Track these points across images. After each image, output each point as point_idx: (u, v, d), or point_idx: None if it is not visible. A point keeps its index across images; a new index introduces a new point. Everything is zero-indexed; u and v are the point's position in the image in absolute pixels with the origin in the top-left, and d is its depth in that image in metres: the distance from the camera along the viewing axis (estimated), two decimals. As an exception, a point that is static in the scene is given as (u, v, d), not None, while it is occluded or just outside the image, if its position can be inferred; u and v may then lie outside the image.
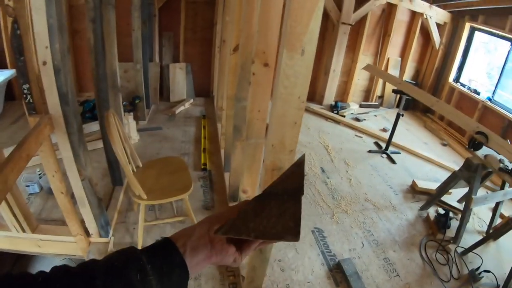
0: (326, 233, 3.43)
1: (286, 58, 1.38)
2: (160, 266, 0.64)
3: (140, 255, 0.63)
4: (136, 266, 0.61)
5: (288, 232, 0.69)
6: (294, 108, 1.53)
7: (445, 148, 5.64)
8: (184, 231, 0.74)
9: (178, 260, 0.67)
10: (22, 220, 2.63)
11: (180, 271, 0.66)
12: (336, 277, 2.95)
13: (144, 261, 0.62)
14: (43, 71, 1.98)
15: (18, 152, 1.81)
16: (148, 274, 0.61)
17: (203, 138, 4.98)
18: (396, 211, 3.86)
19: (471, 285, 2.96)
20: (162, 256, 0.66)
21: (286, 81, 1.44)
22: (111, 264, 0.61)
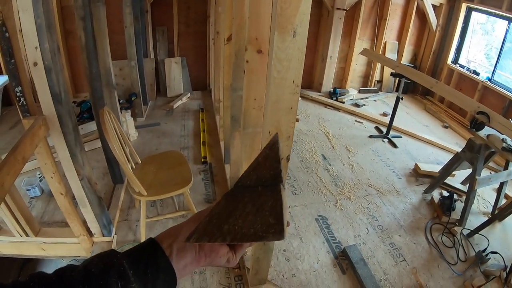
0: (330, 220, 3.41)
1: (278, 41, 1.34)
2: (143, 271, 0.59)
3: (121, 259, 0.58)
4: (117, 273, 0.55)
5: (269, 231, 0.59)
6: (289, 93, 1.49)
7: (447, 130, 5.60)
8: (170, 230, 0.68)
9: (164, 263, 0.61)
10: (24, 224, 2.63)
11: (166, 276, 0.61)
12: (342, 265, 2.93)
13: (125, 266, 0.57)
14: (34, 72, 1.97)
15: (13, 155, 1.80)
16: (130, 281, 0.56)
17: (202, 131, 4.96)
18: (400, 195, 3.83)
19: (479, 266, 2.94)
20: (146, 260, 0.60)
21: (279, 65, 1.39)
22: (89, 271, 0.55)
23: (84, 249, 2.91)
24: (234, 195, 0.70)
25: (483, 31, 6.17)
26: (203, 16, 6.17)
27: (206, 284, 2.71)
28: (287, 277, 2.81)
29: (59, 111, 2.12)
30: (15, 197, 2.45)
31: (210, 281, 2.74)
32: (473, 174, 3.27)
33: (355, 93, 6.66)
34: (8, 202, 2.40)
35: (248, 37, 1.98)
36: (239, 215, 0.63)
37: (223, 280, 2.74)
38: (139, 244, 0.63)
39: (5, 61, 1.96)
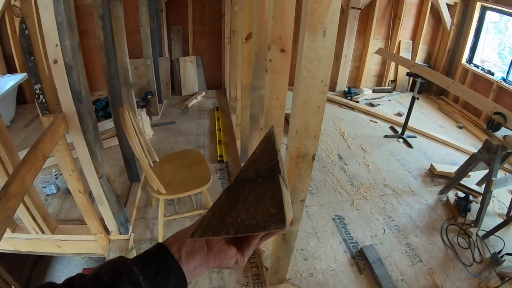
0: (347, 220, 3.41)
1: (308, 40, 1.35)
2: (154, 275, 0.59)
3: (131, 265, 0.58)
4: (127, 279, 0.55)
5: (271, 221, 0.60)
6: (318, 92, 1.50)
7: (461, 130, 5.55)
8: (177, 235, 0.68)
9: (174, 267, 0.62)
10: (41, 221, 2.67)
11: (176, 279, 0.61)
12: (359, 264, 2.93)
13: (135, 272, 0.57)
14: (55, 70, 1.97)
15: (34, 153, 1.81)
16: (141, 286, 0.56)
17: (218, 130, 4.98)
18: (415, 196, 3.81)
19: (494, 268, 2.92)
20: (155, 265, 0.61)
21: (309, 64, 1.40)
22: (99, 279, 0.55)
23: (101, 247, 2.94)
24: (234, 188, 0.70)
25: (496, 30, 6.11)
26: (218, 15, 6.19)
27: (224, 282, 2.73)
28: (304, 276, 2.81)
29: (79, 109, 2.13)
30: (32, 194, 2.48)
31: (228, 280, 2.75)
32: (490, 175, 3.25)
33: (370, 93, 6.63)
34: (25, 199, 2.42)
35: (272, 36, 1.99)
36: (241, 207, 0.64)
37: (241, 279, 2.76)
38: (147, 250, 0.64)
39: (25, 58, 1.97)
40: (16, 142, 4.30)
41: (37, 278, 4.28)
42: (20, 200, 1.64)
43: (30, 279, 4.20)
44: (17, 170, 1.67)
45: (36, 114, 5.12)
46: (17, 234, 2.82)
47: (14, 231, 2.82)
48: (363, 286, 2.77)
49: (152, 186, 2.67)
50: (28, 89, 5.57)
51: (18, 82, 4.84)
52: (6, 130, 2.20)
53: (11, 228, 2.80)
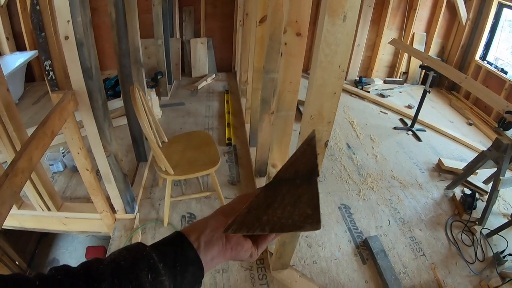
0: (353, 209, 3.42)
1: (328, 24, 1.32)
2: (172, 264, 0.58)
3: (151, 252, 0.58)
4: (147, 266, 0.55)
5: (307, 221, 0.61)
6: (334, 78, 1.47)
7: (471, 127, 5.51)
8: (196, 224, 0.67)
9: (192, 256, 0.61)
10: (47, 198, 2.70)
11: (194, 269, 0.61)
12: (363, 254, 2.94)
13: (155, 259, 0.57)
14: (66, 46, 1.95)
15: (42, 129, 1.80)
16: (160, 274, 0.55)
17: (227, 113, 4.98)
18: (422, 190, 3.80)
19: (496, 268, 2.91)
20: (174, 253, 0.60)
21: (327, 48, 1.38)
22: (118, 264, 0.55)
23: (106, 225, 2.97)
24: (272, 188, 0.70)
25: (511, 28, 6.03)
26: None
27: (228, 265, 2.75)
28: (308, 263, 2.82)
29: (89, 86, 2.11)
30: (39, 171, 2.48)
31: (232, 263, 2.77)
32: (498, 174, 3.23)
33: (381, 83, 6.59)
34: (32, 176, 2.43)
35: (288, 20, 1.96)
36: (278, 206, 0.64)
37: (245, 263, 2.77)
38: (165, 238, 0.64)
39: (35, 34, 1.95)
40: (24, 119, 4.30)
41: (41, 255, 4.32)
42: (27, 176, 1.63)
43: (34, 256, 4.24)
44: (25, 146, 1.66)
45: (44, 91, 5.18)
46: (23, 210, 2.83)
47: (20, 208, 2.83)
48: (366, 276, 2.78)
49: (160, 166, 2.66)
50: (37, 66, 5.58)
51: (27, 60, 4.90)
52: (14, 106, 2.20)
53: (17, 205, 2.81)
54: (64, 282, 0.50)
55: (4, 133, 2.16)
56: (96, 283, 0.51)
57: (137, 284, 0.53)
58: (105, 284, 0.51)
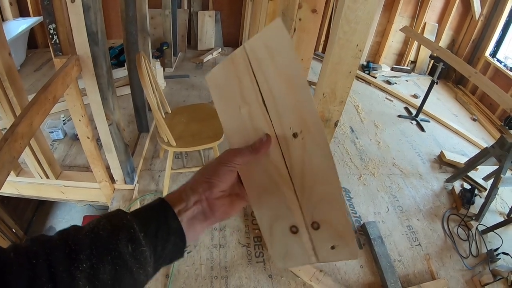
0: (353, 193, 3.42)
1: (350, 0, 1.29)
2: (154, 234, 0.56)
3: (131, 222, 0.55)
4: (127, 235, 0.53)
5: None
6: (351, 56, 1.44)
7: (475, 123, 5.48)
8: (180, 194, 0.63)
9: (175, 226, 0.59)
10: (46, 166, 2.67)
11: (176, 239, 0.59)
12: (360, 239, 2.96)
13: (135, 228, 0.54)
14: (71, 9, 1.88)
15: (44, 94, 1.75)
16: (140, 244, 0.53)
17: None
18: (422, 180, 3.80)
19: (488, 264, 2.92)
20: (156, 222, 0.57)
21: (346, 26, 1.34)
22: (97, 234, 0.52)
23: (104, 195, 2.96)
24: None
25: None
26: (242, -31, 6.00)
27: (226, 241, 2.77)
28: (305, 244, 2.83)
29: (94, 51, 2.05)
30: (38, 138, 2.46)
31: (230, 239, 2.79)
32: (499, 172, 3.22)
33: (388, 70, 6.54)
34: (32, 143, 2.41)
35: (304, -5, 1.92)
36: None
37: (242, 239, 2.79)
38: (148, 204, 0.61)
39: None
40: (25, 86, 4.20)
41: (38, 223, 4.39)
42: (27, 142, 1.60)
43: (31, 223, 4.30)
44: (25, 111, 1.61)
45: (46, 59, 5.10)
46: (21, 178, 2.82)
47: (19, 175, 2.81)
48: (361, 261, 2.79)
49: (162, 137, 2.64)
50: (40, 33, 5.48)
51: (30, 26, 4.81)
52: (16, 71, 2.14)
53: (16, 172, 2.79)
54: (40, 253, 0.48)
55: (5, 98, 2.12)
56: (74, 254, 0.49)
57: (117, 255, 0.51)
58: (83, 255, 0.49)
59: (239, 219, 2.94)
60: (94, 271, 0.49)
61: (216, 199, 0.64)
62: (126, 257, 0.51)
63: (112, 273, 0.50)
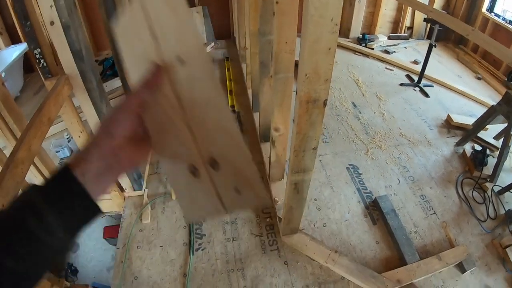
0: (361, 169, 3.37)
1: (314, -28, 1.23)
2: (56, 200, 0.54)
3: (34, 195, 0.54)
4: (31, 209, 0.52)
5: None
6: (328, 32, 1.37)
7: (480, 82, 5.36)
8: (82, 154, 0.59)
9: (77, 190, 0.56)
10: None
11: (82, 202, 0.57)
12: (373, 215, 2.92)
13: (38, 199, 0.53)
14: (52, 32, 1.90)
15: (39, 117, 1.79)
16: (44, 214, 0.52)
17: (228, 81, 4.91)
18: (431, 147, 3.74)
19: (508, 225, 2.87)
20: (58, 189, 0.56)
21: (317, 1, 1.28)
22: (6, 214, 0.52)
23: (116, 205, 3.02)
24: None
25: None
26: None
27: (238, 233, 2.76)
28: (318, 226, 2.81)
29: (81, 68, 2.08)
30: (44, 160, 2.47)
31: (242, 230, 2.78)
32: (508, 129, 3.14)
33: (385, 40, 6.39)
34: (38, 165, 2.42)
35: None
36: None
37: (254, 229, 2.78)
38: (53, 173, 0.57)
39: (20, 24, 1.94)
40: (27, 110, 4.20)
41: None
42: (28, 165, 1.63)
43: None
44: (22, 137, 1.67)
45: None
46: None
47: None
48: (376, 236, 2.76)
49: None
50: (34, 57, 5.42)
51: (23, 52, 4.88)
52: (11, 99, 2.14)
53: None
54: None
55: (6, 127, 2.13)
56: None
57: (24, 230, 0.50)
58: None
59: (249, 210, 2.92)
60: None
61: (119, 148, 0.61)
62: (32, 229, 0.51)
63: (22, 244, 0.50)
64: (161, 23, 0.62)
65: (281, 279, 2.49)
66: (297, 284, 2.47)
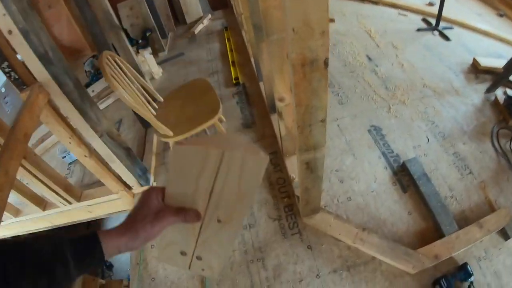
0: (385, 130, 3.06)
1: None
2: (82, 260, 0.71)
3: (66, 250, 0.69)
4: (62, 262, 0.68)
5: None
6: None
7: (502, 19, 4.88)
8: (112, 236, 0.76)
9: (99, 257, 0.73)
10: (64, 193, 2.71)
11: (98, 261, 0.74)
12: (403, 181, 2.64)
13: (69, 258, 0.69)
14: (13, 41, 1.79)
15: (13, 136, 1.73)
16: (70, 269, 0.69)
17: (230, 51, 4.66)
18: (459, 96, 3.37)
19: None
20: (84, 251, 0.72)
21: None
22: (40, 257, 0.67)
23: (127, 203, 3.00)
24: None
25: None
26: None
27: (254, 219, 2.55)
28: (342, 201, 2.54)
29: (52, 72, 1.96)
30: (46, 170, 2.51)
31: (258, 215, 2.56)
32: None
33: (395, -18, 5.96)
34: (41, 177, 2.46)
35: None
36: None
37: (272, 212, 2.56)
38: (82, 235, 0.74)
39: None
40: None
41: None
42: (7, 191, 1.61)
43: None
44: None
45: None
46: (48, 210, 2.87)
47: (45, 209, 2.87)
48: (408, 206, 2.49)
49: (158, 131, 2.49)
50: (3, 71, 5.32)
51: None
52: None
53: (42, 207, 2.86)
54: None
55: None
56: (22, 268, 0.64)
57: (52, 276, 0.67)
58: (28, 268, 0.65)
59: (264, 191, 2.69)
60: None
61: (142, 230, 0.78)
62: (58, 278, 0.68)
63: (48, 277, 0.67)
64: (225, 201, 0.77)
65: (305, 266, 2.27)
66: (323, 269, 2.24)
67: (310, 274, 2.23)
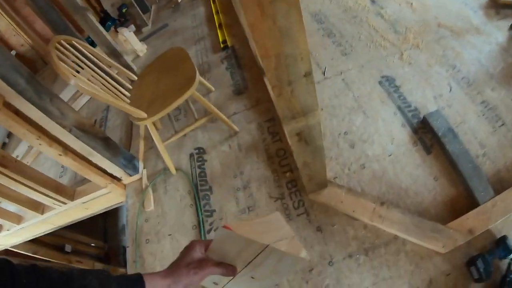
0: (398, 80, 2.66)
1: None
2: None
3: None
4: None
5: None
6: None
7: None
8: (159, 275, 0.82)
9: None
10: (55, 195, 2.63)
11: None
12: (425, 140, 2.27)
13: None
14: None
15: None
16: None
17: (216, 14, 4.34)
18: (481, 34, 2.92)
19: None
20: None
21: None
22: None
23: (119, 195, 2.91)
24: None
25: None
26: None
27: (254, 200, 2.27)
28: (354, 170, 2.20)
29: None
30: (31, 174, 2.39)
31: (258, 195, 2.27)
32: None
33: None
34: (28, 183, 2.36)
35: None
36: None
37: (273, 191, 2.25)
38: (129, 277, 0.80)
39: None
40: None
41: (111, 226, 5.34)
42: None
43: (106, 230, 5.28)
44: None
45: None
46: (47, 213, 2.82)
47: (44, 212, 2.81)
48: (433, 170, 2.13)
49: (131, 115, 2.26)
50: None
51: None
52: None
53: (40, 211, 2.80)
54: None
55: None
56: None
57: None
58: None
59: (263, 166, 2.37)
60: None
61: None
62: None
63: None
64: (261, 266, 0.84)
65: (315, 251, 1.97)
66: (336, 255, 1.94)
67: (322, 262, 1.93)
